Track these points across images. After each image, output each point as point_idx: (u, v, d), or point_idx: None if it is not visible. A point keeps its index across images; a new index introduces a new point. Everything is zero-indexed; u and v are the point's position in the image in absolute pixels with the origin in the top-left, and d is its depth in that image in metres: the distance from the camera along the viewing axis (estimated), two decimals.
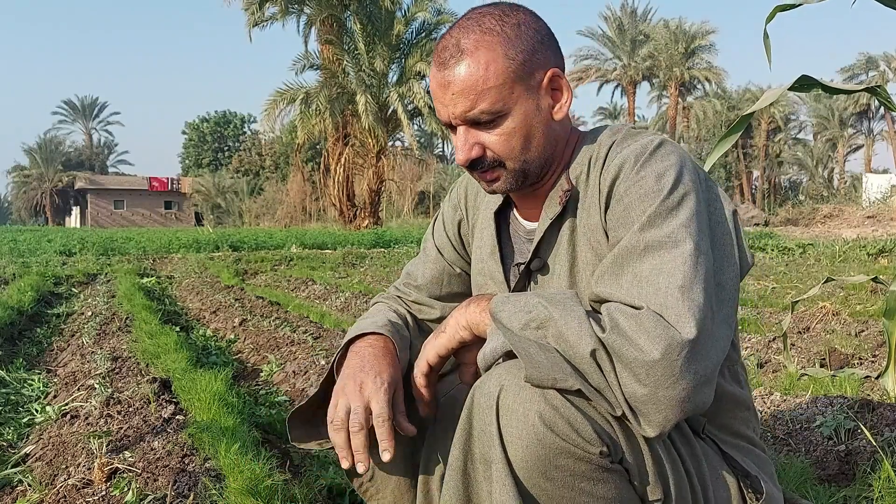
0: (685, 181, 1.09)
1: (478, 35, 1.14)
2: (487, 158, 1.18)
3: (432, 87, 1.19)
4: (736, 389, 1.23)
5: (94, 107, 67.88)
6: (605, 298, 1.04)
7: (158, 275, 9.86)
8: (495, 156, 1.17)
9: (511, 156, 1.17)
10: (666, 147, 1.13)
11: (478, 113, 1.14)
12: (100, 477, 1.95)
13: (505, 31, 1.14)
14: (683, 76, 40.69)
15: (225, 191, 49.89)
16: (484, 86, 1.12)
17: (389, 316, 1.38)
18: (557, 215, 1.20)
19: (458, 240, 1.44)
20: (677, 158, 1.12)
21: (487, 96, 1.12)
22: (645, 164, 1.10)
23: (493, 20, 1.15)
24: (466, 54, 1.13)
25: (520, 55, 1.14)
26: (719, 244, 1.11)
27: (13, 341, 4.75)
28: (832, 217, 24.38)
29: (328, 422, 1.17)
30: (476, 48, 1.13)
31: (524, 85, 1.15)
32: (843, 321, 4.41)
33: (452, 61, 1.14)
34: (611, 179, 1.13)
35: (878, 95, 2.41)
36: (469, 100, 1.13)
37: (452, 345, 1.17)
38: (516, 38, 1.14)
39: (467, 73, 1.12)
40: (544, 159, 1.20)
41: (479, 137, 1.17)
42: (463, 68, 1.13)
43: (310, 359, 3.68)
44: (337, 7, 23.90)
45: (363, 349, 1.25)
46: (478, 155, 1.17)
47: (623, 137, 1.19)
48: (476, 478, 1.04)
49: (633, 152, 1.13)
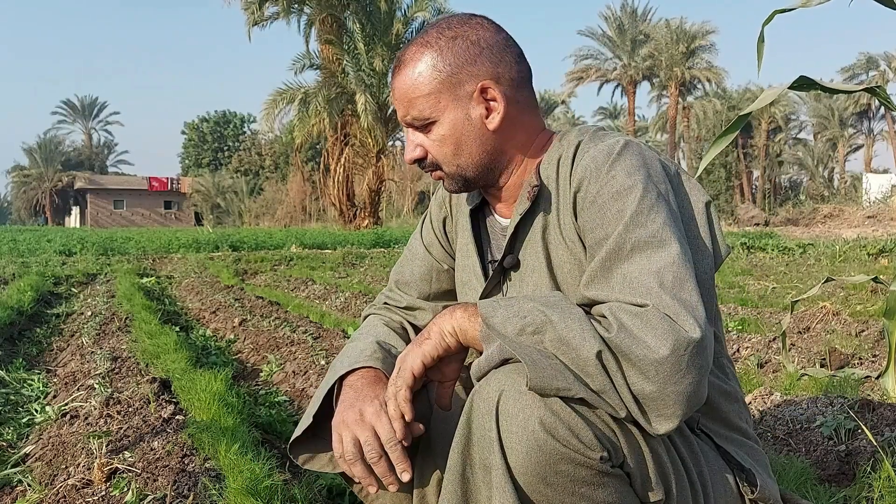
0: (656, 179, 1.13)
1: (416, 47, 1.23)
2: (427, 160, 1.27)
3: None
4: (724, 382, 1.25)
5: (93, 107, 67.86)
6: (598, 300, 1.04)
7: (158, 275, 9.85)
8: (432, 158, 1.27)
9: (444, 160, 1.26)
10: (632, 147, 1.16)
11: (410, 119, 1.24)
12: (99, 477, 1.95)
13: (439, 43, 1.22)
14: (684, 76, 40.66)
15: (225, 191, 49.90)
16: (413, 94, 1.22)
17: (379, 334, 1.38)
18: (528, 211, 1.23)
19: (444, 237, 1.46)
20: (645, 158, 1.15)
21: (417, 104, 1.22)
22: (614, 163, 1.13)
23: (434, 33, 1.24)
24: (403, 65, 1.24)
25: (447, 67, 1.21)
26: (693, 238, 1.14)
27: (13, 341, 4.74)
28: (832, 217, 24.39)
29: (338, 457, 1.16)
30: (411, 59, 1.23)
31: (451, 95, 1.22)
32: (843, 321, 4.41)
33: (396, 70, 1.25)
34: (579, 179, 1.16)
35: (878, 95, 2.40)
36: (403, 106, 1.25)
37: (438, 352, 1.13)
38: (448, 51, 1.21)
39: (401, 82, 1.24)
40: (482, 167, 1.26)
41: (420, 140, 1.26)
42: (400, 77, 1.24)
43: (310, 359, 3.67)
44: (337, 7, 23.90)
45: (355, 381, 1.25)
46: (420, 156, 1.27)
47: (590, 137, 1.22)
48: (475, 483, 1.03)
49: (601, 152, 1.16)
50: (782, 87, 2.38)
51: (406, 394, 1.12)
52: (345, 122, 24.55)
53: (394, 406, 1.13)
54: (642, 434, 1.03)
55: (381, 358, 1.30)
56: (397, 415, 1.12)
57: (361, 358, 1.29)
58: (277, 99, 24.15)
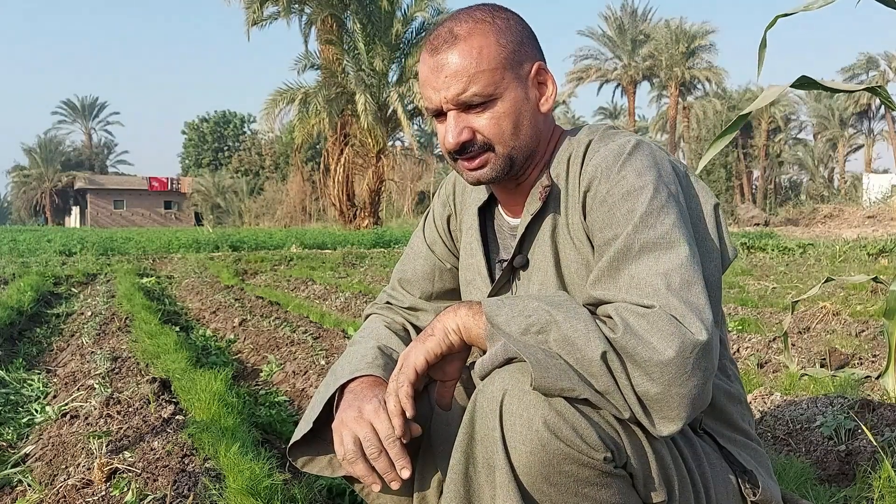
0: (667, 180, 1.12)
1: (471, 24, 1.19)
2: (477, 142, 1.19)
3: (423, 73, 1.22)
4: (727, 384, 1.24)
5: (93, 107, 67.79)
6: (604, 300, 1.04)
7: (158, 275, 9.85)
8: (485, 139, 1.19)
9: (501, 140, 1.19)
10: (643, 147, 1.15)
11: (470, 95, 1.16)
12: (99, 477, 1.95)
13: (496, 21, 1.20)
14: (684, 76, 40.66)
15: (225, 191, 49.88)
16: (477, 69, 1.16)
17: (381, 337, 1.36)
18: (539, 211, 1.22)
19: (448, 235, 1.45)
20: (656, 158, 1.14)
21: (480, 79, 1.16)
22: (625, 163, 1.12)
23: (484, 13, 1.21)
24: (460, 40, 1.17)
25: (510, 44, 1.19)
26: (701, 240, 1.13)
27: (13, 341, 4.74)
28: (832, 217, 24.40)
29: (340, 458, 1.15)
30: (469, 34, 1.17)
31: (514, 73, 1.19)
32: (844, 321, 4.41)
33: (446, 46, 1.17)
34: (589, 178, 1.15)
35: (878, 95, 2.40)
36: (462, 83, 1.16)
37: (441, 350, 1.12)
38: (506, 30, 1.20)
39: (461, 57, 1.16)
40: (530, 149, 1.23)
41: (469, 121, 1.19)
42: (457, 52, 1.17)
43: (310, 359, 3.67)
44: (337, 6, 23.89)
45: (355, 387, 1.23)
46: (468, 138, 1.19)
47: (600, 137, 1.22)
48: (478, 482, 1.03)
49: (611, 152, 1.15)
50: (783, 87, 2.38)
51: (408, 390, 1.10)
52: (345, 122, 24.54)
53: (394, 402, 1.11)
54: (646, 435, 1.02)
55: (382, 364, 1.28)
56: (397, 411, 1.11)
57: (362, 365, 1.27)
58: (277, 99, 24.14)
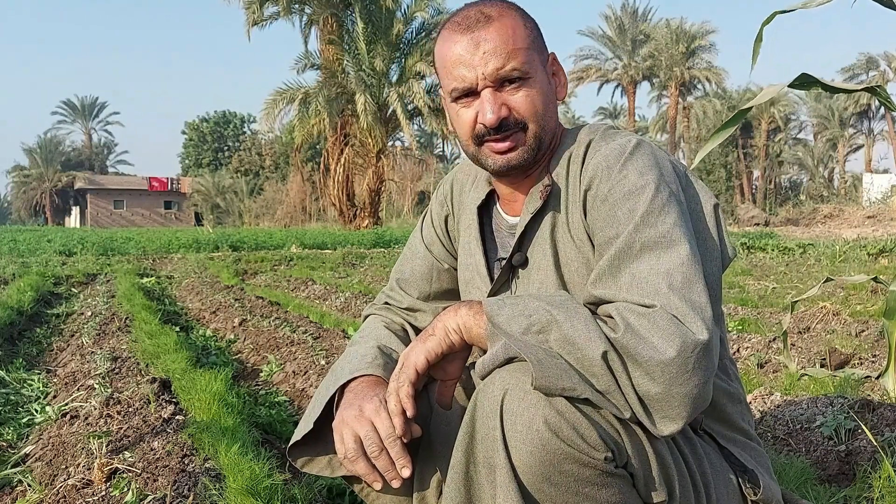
0: (668, 179, 1.12)
1: (499, 7, 1.22)
2: (512, 119, 1.20)
3: (454, 53, 1.20)
4: (727, 383, 1.25)
5: (93, 107, 67.75)
6: (605, 300, 1.04)
7: (158, 275, 9.85)
8: (520, 117, 1.20)
9: (535, 118, 1.20)
10: (644, 147, 1.16)
11: (510, 70, 1.17)
12: (100, 477, 1.95)
13: (516, 10, 1.24)
14: (684, 76, 40.65)
15: (225, 191, 49.87)
16: (514, 45, 1.18)
17: (380, 338, 1.36)
18: (538, 210, 1.22)
19: (446, 235, 1.46)
20: (657, 158, 1.15)
21: (518, 56, 1.18)
22: (626, 163, 1.13)
23: (501, 3, 1.23)
24: (494, 19, 1.19)
25: (532, 31, 1.23)
26: (701, 239, 1.14)
27: (13, 341, 4.75)
28: (832, 217, 24.41)
29: (342, 457, 1.15)
30: (501, 15, 1.20)
31: (539, 57, 1.23)
32: (844, 321, 4.41)
33: (480, 24, 1.19)
34: (590, 177, 1.16)
35: (878, 95, 2.40)
36: (501, 58, 1.17)
37: (442, 349, 1.12)
38: (527, 17, 1.24)
39: (498, 33, 1.18)
40: (552, 134, 1.24)
41: (504, 99, 1.19)
42: (493, 29, 1.18)
43: (310, 359, 3.67)
44: (338, 6, 23.90)
45: (356, 386, 1.23)
46: (506, 114, 1.19)
47: (601, 136, 1.22)
48: (479, 481, 1.03)
49: (612, 151, 1.16)
50: (783, 85, 2.38)
51: (409, 389, 1.10)
52: (345, 122, 24.55)
53: (395, 401, 1.11)
54: (646, 434, 1.02)
55: (382, 364, 1.28)
56: (398, 410, 1.10)
57: (363, 365, 1.27)
58: (277, 99, 24.14)
